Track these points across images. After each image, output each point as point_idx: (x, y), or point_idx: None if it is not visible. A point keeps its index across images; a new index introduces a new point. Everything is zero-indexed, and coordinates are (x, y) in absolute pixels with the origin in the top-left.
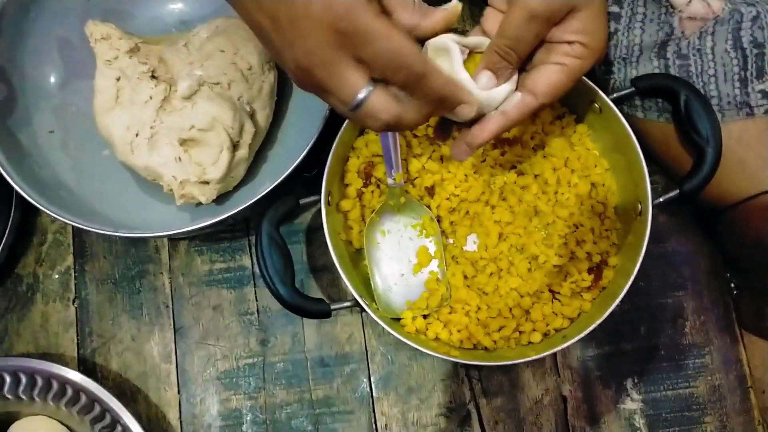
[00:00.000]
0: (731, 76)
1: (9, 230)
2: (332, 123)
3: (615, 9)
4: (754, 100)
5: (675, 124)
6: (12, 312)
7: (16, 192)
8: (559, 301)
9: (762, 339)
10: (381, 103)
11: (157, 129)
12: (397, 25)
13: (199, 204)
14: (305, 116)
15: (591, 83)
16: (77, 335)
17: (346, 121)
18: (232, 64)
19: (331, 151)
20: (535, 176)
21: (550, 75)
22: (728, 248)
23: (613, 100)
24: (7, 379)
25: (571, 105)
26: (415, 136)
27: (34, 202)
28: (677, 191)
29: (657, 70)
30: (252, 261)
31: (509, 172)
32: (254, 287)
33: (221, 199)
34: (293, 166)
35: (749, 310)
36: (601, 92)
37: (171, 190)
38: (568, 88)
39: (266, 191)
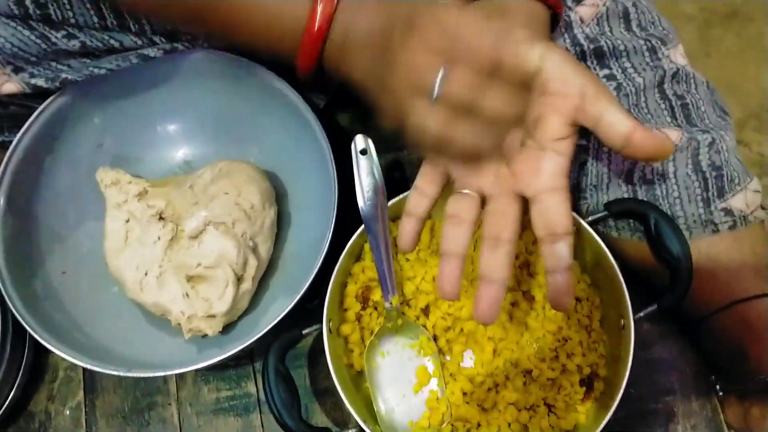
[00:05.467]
0: (694, 197)
1: (23, 371)
2: (327, 255)
3: (583, 142)
4: (717, 218)
5: (648, 243)
6: None
7: (30, 334)
8: (555, 414)
9: None
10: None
11: (165, 267)
12: None
13: (206, 335)
14: (303, 245)
15: None
16: None
17: (345, 251)
18: (236, 205)
19: (331, 281)
20: (523, 293)
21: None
22: (710, 354)
23: (588, 223)
24: None
25: None
26: (407, 260)
27: (49, 346)
28: (655, 306)
29: (626, 195)
30: (257, 387)
31: None
32: (260, 413)
33: (226, 328)
34: (294, 302)
35: (735, 411)
36: (576, 216)
37: (179, 324)
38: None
39: (270, 326)
